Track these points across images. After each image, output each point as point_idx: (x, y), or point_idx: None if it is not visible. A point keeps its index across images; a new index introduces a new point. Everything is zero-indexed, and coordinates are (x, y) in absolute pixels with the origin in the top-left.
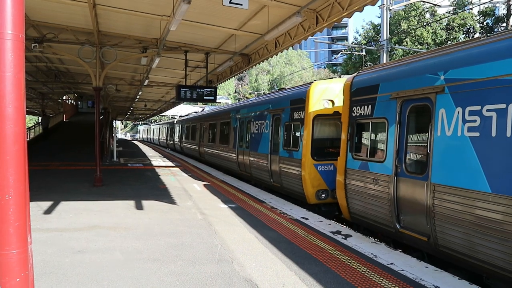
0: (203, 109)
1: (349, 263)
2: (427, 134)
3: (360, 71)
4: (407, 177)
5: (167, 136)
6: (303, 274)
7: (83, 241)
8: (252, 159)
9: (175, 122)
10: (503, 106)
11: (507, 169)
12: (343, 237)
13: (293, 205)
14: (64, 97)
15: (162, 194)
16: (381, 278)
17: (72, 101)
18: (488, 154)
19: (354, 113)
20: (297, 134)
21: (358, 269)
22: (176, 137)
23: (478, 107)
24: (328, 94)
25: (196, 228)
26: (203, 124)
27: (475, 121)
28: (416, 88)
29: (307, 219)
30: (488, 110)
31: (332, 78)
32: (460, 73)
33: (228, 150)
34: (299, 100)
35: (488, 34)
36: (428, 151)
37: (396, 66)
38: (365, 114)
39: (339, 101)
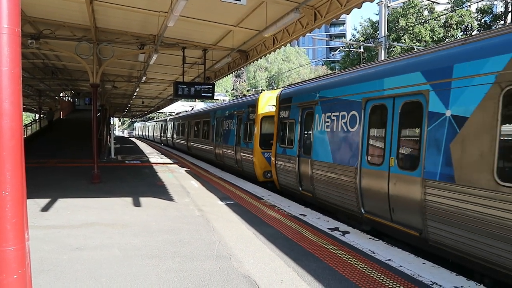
0: (192, 108)
1: (347, 260)
2: (311, 129)
3: (284, 87)
4: (303, 157)
5: (161, 133)
6: (301, 271)
7: (81, 238)
8: (224, 150)
9: (168, 120)
10: (339, 113)
11: (341, 150)
12: (341, 233)
13: (291, 201)
14: (61, 94)
15: (160, 191)
16: (379, 274)
17: (69, 98)
18: (333, 141)
19: (280, 115)
20: (251, 130)
21: (356, 265)
22: (169, 134)
23: (330, 113)
24: (272, 101)
25: (194, 224)
26: (190, 122)
27: (329, 121)
28: (308, 100)
29: (305, 215)
30: (333, 115)
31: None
32: (323, 94)
33: (208, 144)
34: (253, 104)
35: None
36: (311, 140)
37: (300, 85)
38: (285, 116)
39: None
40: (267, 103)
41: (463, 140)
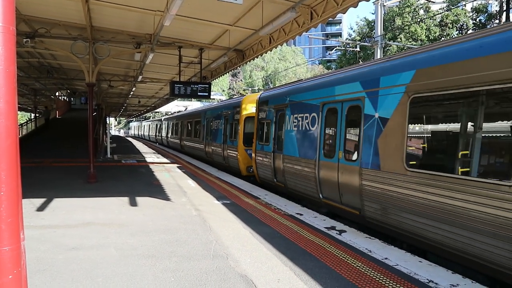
0: (186, 108)
1: (344, 258)
2: (283, 128)
3: (263, 91)
4: (277, 152)
5: (156, 132)
6: (298, 270)
7: (77, 238)
8: (213, 148)
9: (162, 119)
10: (303, 114)
11: (304, 145)
12: (338, 232)
13: (287, 201)
14: (57, 93)
15: (157, 190)
16: (376, 272)
17: (65, 97)
18: (299, 138)
19: (259, 116)
20: (236, 129)
21: (353, 264)
22: (164, 133)
23: (297, 115)
24: (254, 103)
25: (191, 224)
26: (183, 122)
27: (296, 121)
28: (281, 103)
29: (301, 214)
30: (299, 116)
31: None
32: (292, 98)
33: (199, 142)
34: (237, 106)
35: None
36: (283, 138)
37: (275, 90)
38: (263, 117)
39: None
40: (249, 105)
41: (386, 136)
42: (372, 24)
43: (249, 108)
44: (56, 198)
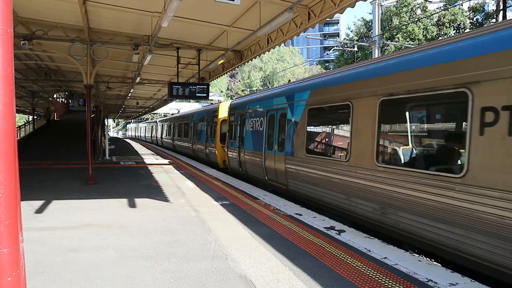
0: (178, 111)
1: (343, 258)
2: (244, 129)
3: (234, 98)
4: (241, 148)
5: (151, 133)
6: (298, 270)
7: (76, 240)
8: (198, 146)
9: (157, 121)
10: (255, 118)
11: (256, 141)
12: (337, 232)
13: (286, 201)
14: (55, 96)
15: (155, 191)
16: (375, 272)
17: (63, 99)
18: (253, 136)
19: (230, 119)
20: (214, 130)
21: (352, 264)
22: (158, 134)
23: (252, 119)
24: (228, 109)
25: (189, 225)
26: (175, 124)
27: (251, 123)
28: (243, 109)
29: (301, 215)
30: (253, 120)
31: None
32: (250, 106)
33: (187, 142)
34: (216, 111)
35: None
36: (244, 136)
37: (240, 99)
38: (232, 120)
39: None
40: (225, 109)
41: (297, 134)
42: (370, 24)
43: (224, 113)
44: (55, 200)
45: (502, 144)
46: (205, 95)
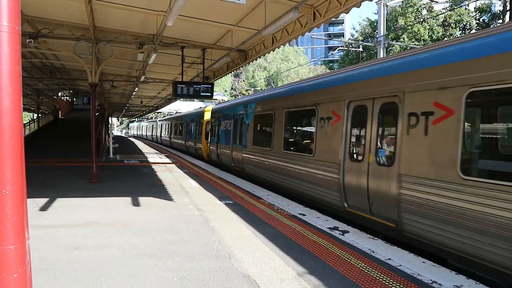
0: (176, 112)
1: (346, 259)
2: (219, 128)
3: (215, 105)
4: (218, 143)
5: (152, 132)
6: (301, 270)
7: (80, 238)
8: (189, 143)
9: (157, 121)
10: (226, 121)
11: (227, 138)
12: (341, 233)
13: (290, 201)
14: (60, 94)
15: (159, 190)
16: (379, 273)
17: (68, 98)
18: (225, 134)
19: (211, 121)
20: (201, 129)
21: (356, 264)
22: (158, 132)
23: (224, 121)
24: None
25: (193, 224)
26: (172, 123)
27: (224, 124)
28: (219, 114)
29: (304, 215)
30: (225, 122)
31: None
32: (224, 111)
33: (181, 139)
34: (202, 113)
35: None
36: (219, 134)
37: (218, 106)
38: (213, 122)
39: None
40: (208, 113)
41: (249, 132)
42: (375, 24)
43: (208, 116)
44: (59, 198)
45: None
46: (209, 94)
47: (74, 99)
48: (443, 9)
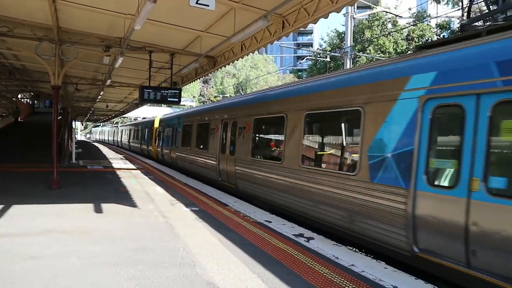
0: (136, 119)
1: (311, 265)
2: (163, 134)
3: (162, 115)
4: (162, 146)
5: (113, 137)
6: (266, 276)
7: (37, 247)
8: (143, 146)
9: (118, 127)
10: (167, 128)
11: (168, 142)
12: (306, 239)
13: (256, 208)
14: (19, 96)
15: (123, 197)
16: (342, 279)
17: (28, 100)
18: (168, 139)
19: (159, 128)
20: (151, 135)
21: (320, 270)
22: (118, 137)
23: (167, 128)
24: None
25: (158, 231)
26: (131, 129)
27: (167, 131)
28: (164, 123)
29: (270, 222)
30: (167, 129)
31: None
32: (167, 121)
33: (138, 144)
34: (153, 122)
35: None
36: (163, 138)
37: (164, 116)
38: (160, 129)
39: None
40: (157, 122)
41: (178, 137)
42: (342, 35)
43: (157, 124)
44: (15, 205)
45: None
46: (177, 100)
47: (35, 101)
48: (407, 24)
